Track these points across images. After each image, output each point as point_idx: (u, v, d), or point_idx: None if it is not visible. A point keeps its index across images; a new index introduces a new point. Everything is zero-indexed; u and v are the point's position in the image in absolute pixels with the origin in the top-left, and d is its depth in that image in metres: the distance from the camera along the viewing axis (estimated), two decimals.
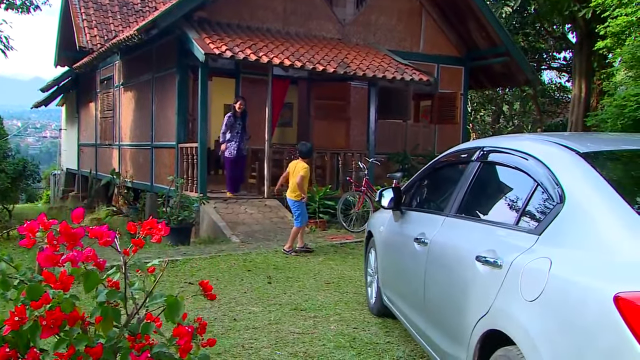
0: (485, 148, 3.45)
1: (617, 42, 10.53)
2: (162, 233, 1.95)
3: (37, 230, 1.57)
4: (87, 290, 1.65)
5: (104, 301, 1.65)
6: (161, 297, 1.70)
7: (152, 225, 1.95)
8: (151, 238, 1.96)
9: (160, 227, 1.96)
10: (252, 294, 5.91)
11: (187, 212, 9.39)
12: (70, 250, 1.59)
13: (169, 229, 1.98)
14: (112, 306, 1.68)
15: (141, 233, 1.95)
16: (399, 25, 13.66)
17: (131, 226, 1.96)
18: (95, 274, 1.65)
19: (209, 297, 1.89)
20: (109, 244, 1.70)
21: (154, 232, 1.95)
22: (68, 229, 1.58)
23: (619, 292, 1.88)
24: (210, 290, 1.88)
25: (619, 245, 2.09)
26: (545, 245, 2.42)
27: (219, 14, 11.55)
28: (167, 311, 1.69)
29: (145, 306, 1.75)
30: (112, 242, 1.70)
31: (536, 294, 2.27)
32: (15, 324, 1.43)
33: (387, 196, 4.46)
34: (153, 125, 13.05)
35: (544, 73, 23.00)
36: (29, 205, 22.30)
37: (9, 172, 11.20)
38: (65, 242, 1.57)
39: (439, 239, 3.48)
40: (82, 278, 1.65)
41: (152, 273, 1.90)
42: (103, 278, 1.70)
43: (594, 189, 2.37)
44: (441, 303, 3.31)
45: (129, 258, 1.72)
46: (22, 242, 1.62)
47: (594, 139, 3.26)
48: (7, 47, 13.17)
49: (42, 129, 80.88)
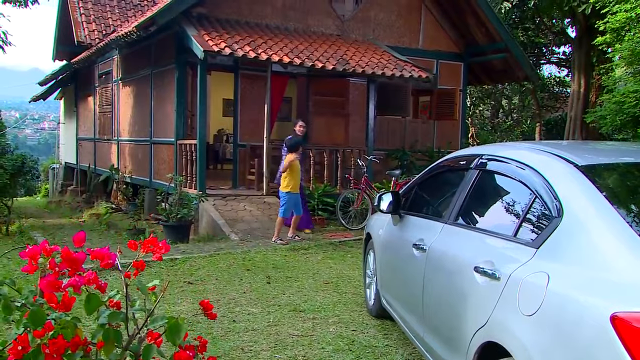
0: (484, 156, 3.46)
1: (617, 37, 10.50)
2: (162, 251, 1.97)
3: (39, 256, 1.58)
4: (88, 313, 1.67)
5: (106, 323, 1.67)
6: (162, 319, 1.72)
7: (153, 244, 1.96)
8: (152, 256, 1.97)
9: (161, 245, 1.97)
10: (252, 294, 5.94)
11: (186, 210, 9.40)
12: (72, 275, 1.60)
13: (169, 247, 1.99)
14: (113, 328, 1.69)
15: (142, 251, 1.96)
16: (398, 21, 13.63)
17: (132, 244, 1.98)
18: (96, 296, 1.66)
19: (209, 316, 1.90)
20: (110, 266, 1.71)
21: (155, 250, 1.96)
22: (70, 255, 1.59)
23: (617, 311, 1.90)
24: (210, 310, 1.90)
25: (617, 264, 2.11)
26: (543, 259, 2.44)
27: (218, 10, 11.52)
28: (169, 333, 1.70)
29: (146, 326, 1.76)
30: (113, 264, 1.72)
31: (534, 308, 2.29)
32: (19, 353, 1.45)
33: (386, 200, 4.47)
34: (152, 120, 13.04)
35: (543, 67, 22.98)
36: (28, 199, 22.29)
37: (7, 168, 11.18)
38: (67, 268, 1.59)
39: (438, 246, 3.50)
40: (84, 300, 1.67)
41: (153, 291, 1.91)
42: (105, 300, 1.71)
43: (592, 205, 2.39)
44: (440, 311, 3.34)
45: (130, 280, 1.73)
46: (24, 268, 1.63)
47: (591, 150, 3.27)
48: (5, 42, 13.11)
49: (41, 120, 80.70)
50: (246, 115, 12.17)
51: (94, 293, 1.66)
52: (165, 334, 1.70)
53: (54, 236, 10.93)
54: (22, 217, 13.81)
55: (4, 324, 1.68)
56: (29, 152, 32.94)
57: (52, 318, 1.57)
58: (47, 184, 24.54)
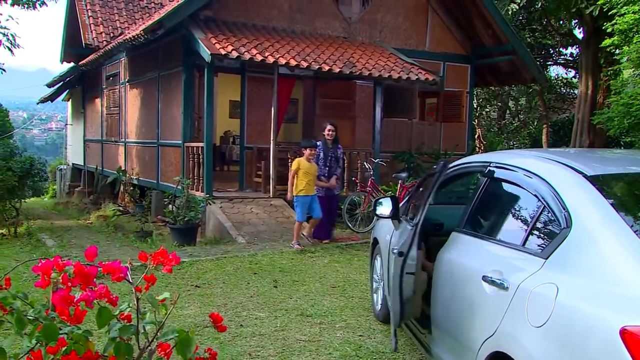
0: (492, 164, 3.45)
1: (625, 39, 10.46)
2: (172, 263, 1.98)
3: (51, 271, 1.60)
4: (100, 326, 1.68)
5: (117, 336, 1.68)
6: (173, 333, 1.73)
7: (163, 256, 1.97)
8: (162, 268, 1.98)
9: (170, 257, 1.99)
10: (259, 298, 5.95)
11: (193, 213, 9.43)
12: (84, 290, 1.62)
13: (179, 259, 2.00)
14: (124, 341, 1.71)
15: (152, 263, 1.98)
16: (405, 23, 13.63)
17: (142, 256, 1.99)
18: (108, 310, 1.68)
19: (219, 329, 1.91)
20: (121, 280, 1.73)
21: (165, 262, 1.97)
22: (82, 270, 1.61)
23: (626, 325, 1.90)
24: (220, 322, 1.91)
25: (626, 277, 2.11)
26: (552, 270, 2.44)
27: (225, 13, 11.54)
28: (179, 347, 1.72)
29: (157, 339, 1.78)
30: (124, 277, 1.73)
31: (543, 320, 2.29)
32: None
33: (385, 205, 4.46)
34: (159, 123, 13.09)
35: (551, 68, 22.90)
36: (35, 200, 22.40)
37: (16, 171, 11.25)
38: (79, 283, 1.60)
39: (446, 254, 3.50)
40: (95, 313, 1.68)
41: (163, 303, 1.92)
42: (116, 314, 1.72)
43: (601, 216, 2.39)
44: (448, 318, 3.34)
45: (141, 294, 1.75)
46: (37, 283, 1.64)
47: (599, 159, 3.26)
48: (13, 44, 13.22)
49: (48, 120, 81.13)
50: (253, 118, 12.18)
51: (105, 306, 1.68)
52: (176, 347, 1.71)
53: (62, 238, 10.99)
54: (30, 218, 13.89)
55: (17, 335, 1.70)
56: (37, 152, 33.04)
57: (64, 333, 1.59)
58: (54, 185, 24.67)
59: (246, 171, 12.09)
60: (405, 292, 3.57)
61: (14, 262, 8.32)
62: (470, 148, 14.92)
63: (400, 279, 3.54)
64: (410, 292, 3.57)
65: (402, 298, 3.59)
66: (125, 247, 9.54)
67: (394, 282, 3.60)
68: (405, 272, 3.53)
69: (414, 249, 3.54)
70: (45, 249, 9.50)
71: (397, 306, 3.62)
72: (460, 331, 3.07)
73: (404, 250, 3.56)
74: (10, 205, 11.88)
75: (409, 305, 3.62)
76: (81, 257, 6.90)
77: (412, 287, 3.57)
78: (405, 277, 3.54)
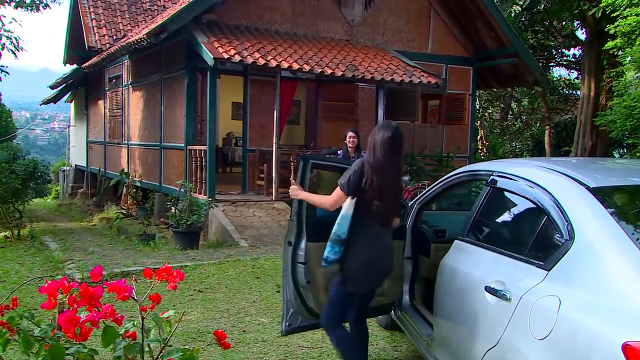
0: (495, 172, 3.46)
1: (627, 41, 10.47)
2: (177, 280, 1.99)
3: (57, 292, 1.61)
4: (105, 345, 1.70)
5: (122, 355, 1.70)
6: (177, 352, 1.74)
7: (167, 272, 1.99)
8: (167, 284, 2.00)
9: (175, 273, 2.00)
10: (261, 303, 5.96)
11: (196, 217, 9.44)
12: (90, 310, 1.63)
13: (183, 276, 2.01)
14: None
15: (156, 279, 1.99)
16: (407, 25, 13.63)
17: (147, 273, 2.01)
18: (113, 329, 1.69)
19: (223, 346, 1.92)
20: (126, 299, 1.74)
21: (170, 278, 1.99)
22: (88, 291, 1.62)
23: (628, 340, 1.91)
24: (224, 339, 1.92)
25: (629, 292, 2.12)
26: (554, 282, 2.45)
27: (228, 16, 11.56)
28: None
29: (162, 357, 1.79)
30: (129, 296, 1.75)
31: (545, 333, 2.31)
32: None
33: None
34: (162, 125, 13.11)
35: (553, 70, 22.88)
36: (38, 201, 22.43)
37: (19, 174, 11.25)
38: (86, 304, 1.62)
39: (449, 261, 3.51)
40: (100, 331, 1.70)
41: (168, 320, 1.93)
42: (121, 332, 1.74)
43: (604, 230, 2.40)
44: (450, 327, 3.35)
45: (146, 314, 1.76)
46: (44, 305, 1.66)
47: (602, 169, 3.26)
48: (17, 47, 13.25)
49: (51, 120, 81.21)
50: (255, 121, 12.20)
51: (110, 326, 1.70)
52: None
53: (65, 241, 11.00)
54: (33, 220, 13.91)
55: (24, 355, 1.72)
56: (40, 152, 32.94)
57: (70, 353, 1.60)
58: (57, 186, 24.70)
59: (248, 174, 12.09)
60: (300, 281, 3.75)
61: (17, 266, 8.37)
62: (472, 150, 14.91)
63: (293, 268, 3.75)
64: (303, 280, 3.74)
65: (297, 287, 3.77)
66: (128, 251, 9.54)
67: (286, 272, 3.81)
68: (298, 261, 3.73)
69: (302, 241, 3.72)
70: (48, 252, 9.51)
71: (291, 295, 3.81)
72: (462, 339, 3.08)
73: (292, 240, 3.75)
74: (14, 208, 11.89)
75: (310, 295, 3.78)
76: (84, 261, 6.87)
77: (305, 277, 3.73)
78: (297, 267, 3.74)
